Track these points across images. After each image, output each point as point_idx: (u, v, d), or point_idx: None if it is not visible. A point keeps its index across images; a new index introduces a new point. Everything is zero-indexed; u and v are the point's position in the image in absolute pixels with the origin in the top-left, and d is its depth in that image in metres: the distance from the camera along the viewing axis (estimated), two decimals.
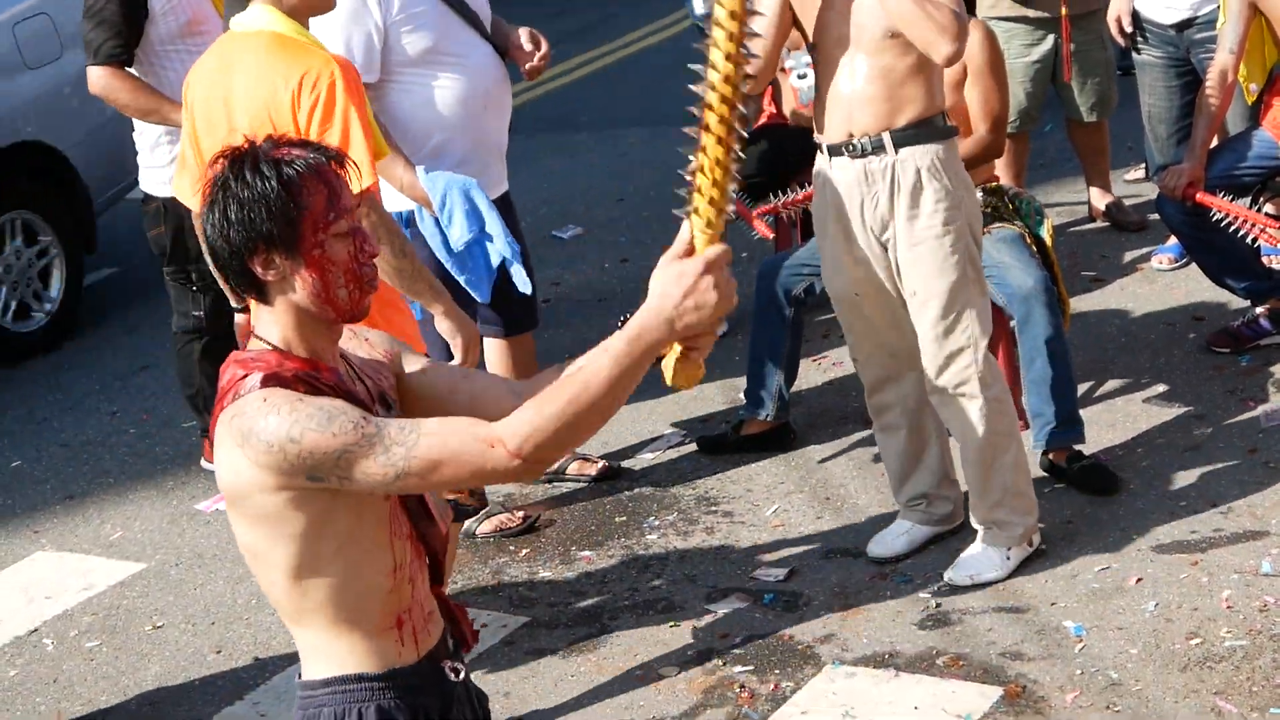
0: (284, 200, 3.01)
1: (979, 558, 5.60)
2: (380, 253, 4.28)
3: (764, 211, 7.05)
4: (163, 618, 6.12)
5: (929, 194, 5.41)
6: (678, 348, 2.91)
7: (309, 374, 3.06)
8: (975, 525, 5.64)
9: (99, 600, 6.29)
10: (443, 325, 5.02)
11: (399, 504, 3.15)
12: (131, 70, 6.66)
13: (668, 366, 2.94)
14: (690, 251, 2.84)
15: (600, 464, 6.66)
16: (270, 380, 3.02)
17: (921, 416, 5.76)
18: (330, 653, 3.14)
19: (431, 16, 5.79)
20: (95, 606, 6.25)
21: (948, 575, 5.60)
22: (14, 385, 8.42)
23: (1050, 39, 7.84)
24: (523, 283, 5.84)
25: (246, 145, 3.07)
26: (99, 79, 6.62)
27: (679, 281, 2.81)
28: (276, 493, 2.99)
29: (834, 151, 5.51)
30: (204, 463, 7.15)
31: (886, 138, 5.40)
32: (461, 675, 3.28)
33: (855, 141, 5.43)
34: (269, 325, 3.12)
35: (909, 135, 5.41)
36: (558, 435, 2.91)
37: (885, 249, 5.51)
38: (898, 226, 5.45)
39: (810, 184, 5.96)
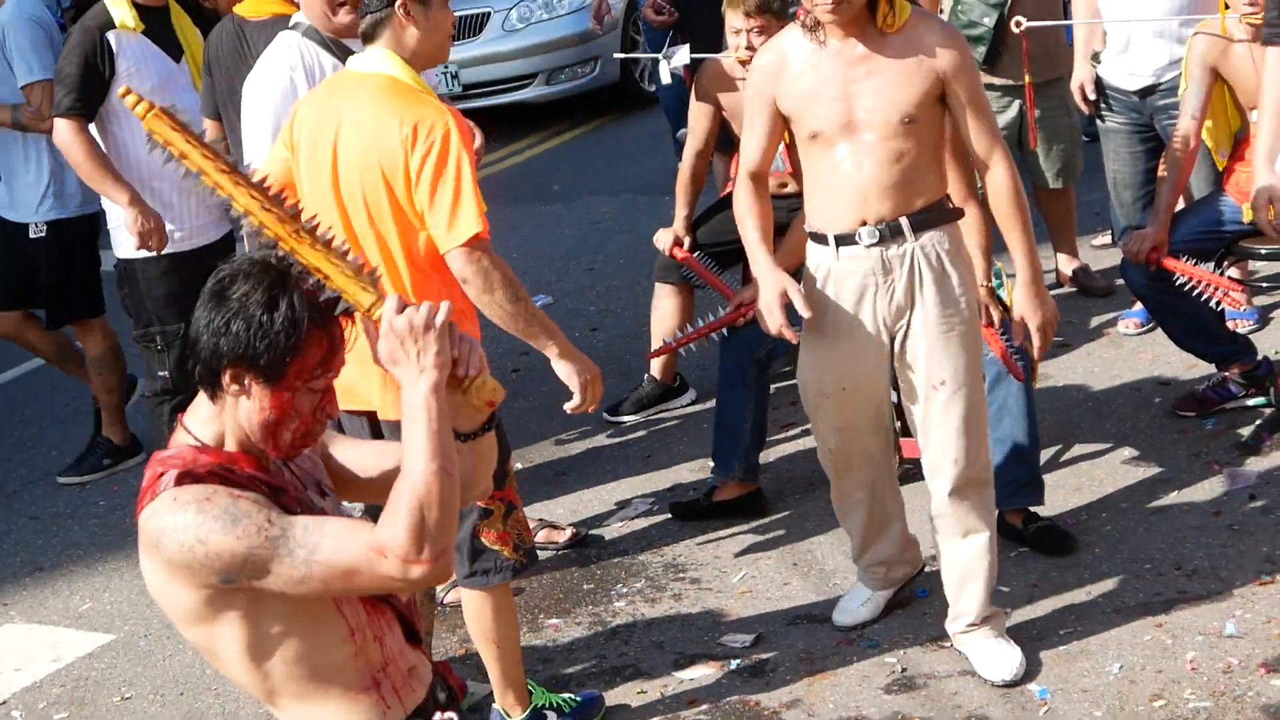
0: (286, 341, 3.01)
1: (996, 656, 5.38)
2: (495, 296, 4.79)
3: (683, 342, 6.80)
4: (131, 689, 6.10)
5: (954, 279, 5.20)
6: (460, 391, 3.05)
7: (223, 468, 3.06)
8: (975, 620, 5.42)
9: (68, 672, 6.27)
10: (561, 367, 5.11)
11: None
12: (91, 128, 6.80)
13: (468, 401, 3.08)
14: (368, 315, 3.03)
15: (569, 531, 6.66)
16: (184, 478, 3.02)
17: (885, 492, 5.65)
18: None
19: None
20: (64, 678, 6.24)
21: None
22: None
23: (1016, 105, 7.90)
24: None
25: (278, 264, 3.06)
26: (59, 131, 6.79)
27: (391, 349, 2.98)
28: (197, 590, 3.00)
29: (842, 241, 5.22)
30: None
31: (905, 223, 5.15)
32: None
33: (869, 229, 5.17)
34: (203, 418, 3.13)
35: (926, 219, 5.18)
36: (434, 526, 2.94)
37: (892, 341, 5.27)
38: (923, 315, 5.20)
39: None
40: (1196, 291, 6.50)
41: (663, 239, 7.33)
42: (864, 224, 5.16)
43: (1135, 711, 5.12)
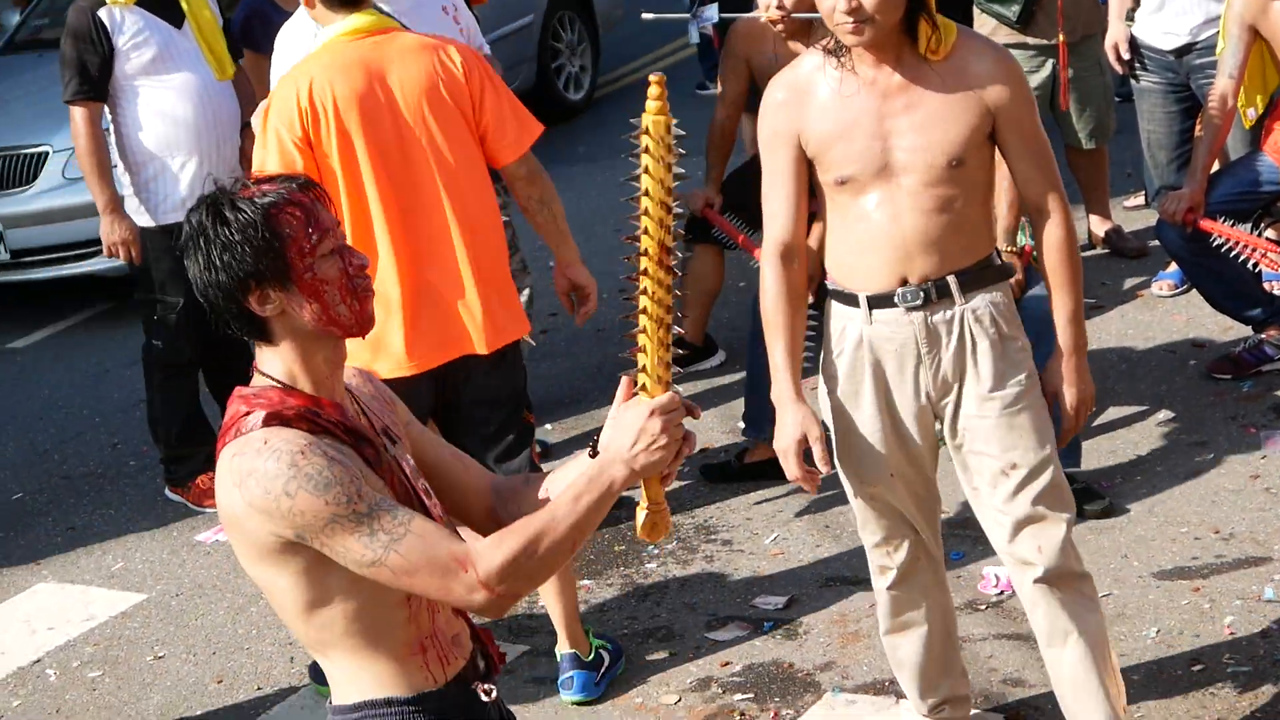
0: (264, 234, 2.99)
1: None
2: (546, 193, 5.22)
3: (728, 226, 7.14)
4: (164, 648, 6.11)
5: (1012, 346, 4.42)
6: (644, 505, 3.10)
7: (311, 410, 3.04)
8: None
9: (100, 631, 6.28)
10: (579, 272, 5.48)
11: None
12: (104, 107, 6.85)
13: (639, 523, 3.12)
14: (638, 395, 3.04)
15: None
16: (272, 419, 3.01)
17: (941, 599, 4.82)
18: (357, 678, 3.14)
19: None
20: (97, 637, 6.25)
21: None
22: (16, 418, 8.44)
23: (1049, 65, 7.85)
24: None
25: (214, 192, 3.06)
26: (72, 117, 6.82)
27: (629, 430, 3.00)
28: (270, 535, 2.99)
29: (876, 303, 4.38)
30: (167, 493, 7.17)
31: (952, 282, 4.34)
32: (493, 695, 3.27)
33: (911, 289, 4.35)
34: (272, 361, 3.11)
35: (978, 277, 4.38)
36: (527, 571, 2.99)
37: (939, 419, 4.50)
38: (979, 390, 4.39)
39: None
40: (1233, 253, 6.46)
41: (694, 200, 7.30)
42: (904, 283, 4.34)
43: (1173, 676, 5.10)
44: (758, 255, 6.95)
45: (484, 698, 3.26)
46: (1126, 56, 7.67)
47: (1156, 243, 7.31)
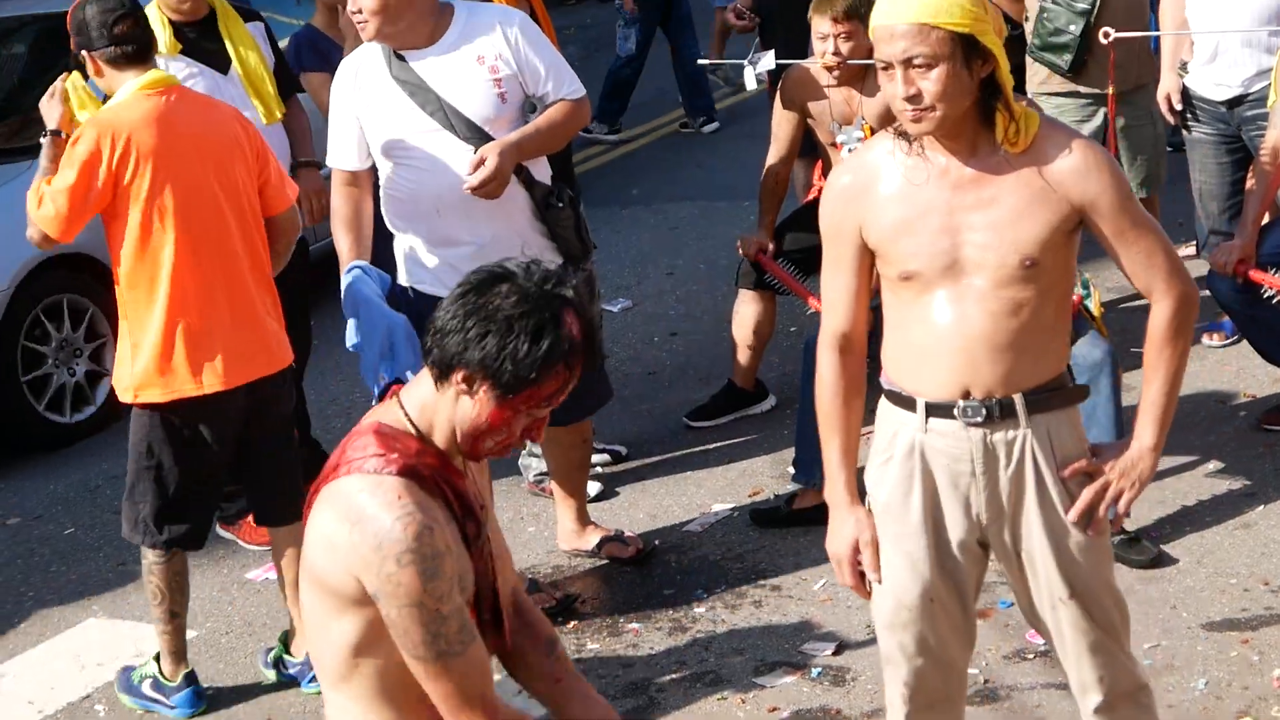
0: (532, 370, 3.07)
1: None
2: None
3: (779, 273, 7.24)
4: (213, 685, 6.14)
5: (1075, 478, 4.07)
6: None
7: (442, 475, 3.12)
8: None
9: (110, 689, 6.28)
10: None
11: (473, 608, 3.23)
12: None
13: None
14: None
15: (632, 549, 6.63)
16: (407, 472, 3.07)
17: None
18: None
19: (390, 117, 5.88)
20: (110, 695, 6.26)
21: None
22: (69, 455, 8.50)
23: (1101, 114, 7.85)
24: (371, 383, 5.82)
25: (552, 284, 3.13)
26: None
27: None
28: (350, 579, 3.04)
29: (935, 412, 4.06)
30: (219, 530, 7.18)
31: (1019, 402, 3.99)
32: None
33: (974, 404, 4.01)
34: (419, 399, 3.18)
35: (1046, 399, 4.03)
36: None
37: (985, 545, 4.18)
38: (1039, 519, 4.06)
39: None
40: None
41: (747, 245, 7.33)
42: (966, 395, 4.01)
43: None
44: (811, 302, 7.00)
45: None
46: (1179, 107, 7.68)
47: (1208, 292, 7.30)
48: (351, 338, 5.66)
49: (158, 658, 5.97)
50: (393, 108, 5.84)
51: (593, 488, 6.94)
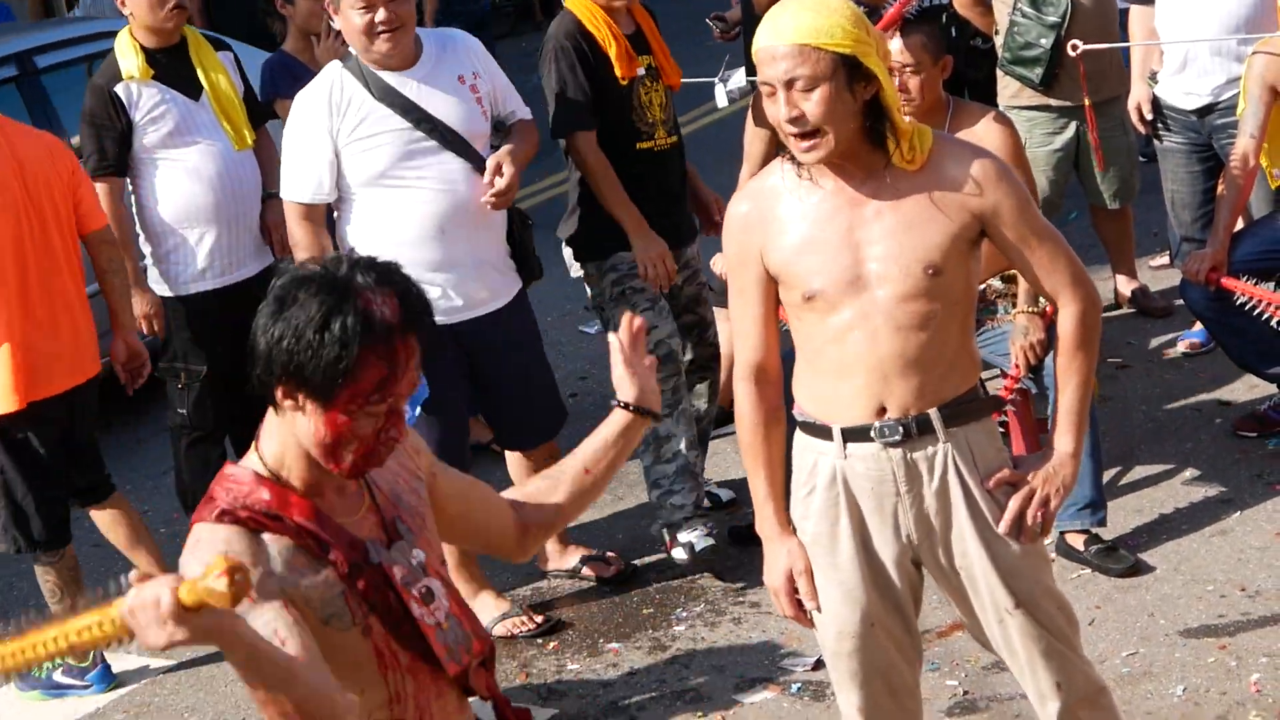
0: (336, 364, 2.89)
1: None
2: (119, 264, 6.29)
3: None
4: (194, 714, 6.14)
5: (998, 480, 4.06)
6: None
7: (273, 515, 2.98)
8: None
9: (131, 697, 6.31)
10: (134, 340, 6.43)
11: (387, 636, 3.07)
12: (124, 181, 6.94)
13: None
14: None
15: (613, 568, 6.65)
16: (224, 516, 2.98)
17: None
18: None
19: (391, 140, 5.85)
20: (127, 704, 6.28)
21: None
22: None
23: (1073, 127, 7.88)
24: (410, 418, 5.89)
25: (345, 269, 2.94)
26: (98, 190, 6.68)
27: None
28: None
29: (852, 436, 4.01)
30: None
31: (935, 417, 3.97)
32: None
33: (889, 424, 3.98)
34: (270, 431, 3.07)
35: (962, 410, 4.00)
36: None
37: (917, 563, 4.14)
38: (969, 531, 4.03)
39: None
40: (1257, 311, 6.46)
41: (720, 263, 7.34)
42: (882, 412, 3.97)
43: None
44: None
45: None
46: (1149, 117, 7.70)
47: (1181, 301, 7.32)
48: None
49: None
50: (386, 130, 5.82)
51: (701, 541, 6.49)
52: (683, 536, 6.39)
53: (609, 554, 6.66)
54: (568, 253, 6.76)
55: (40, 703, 6.39)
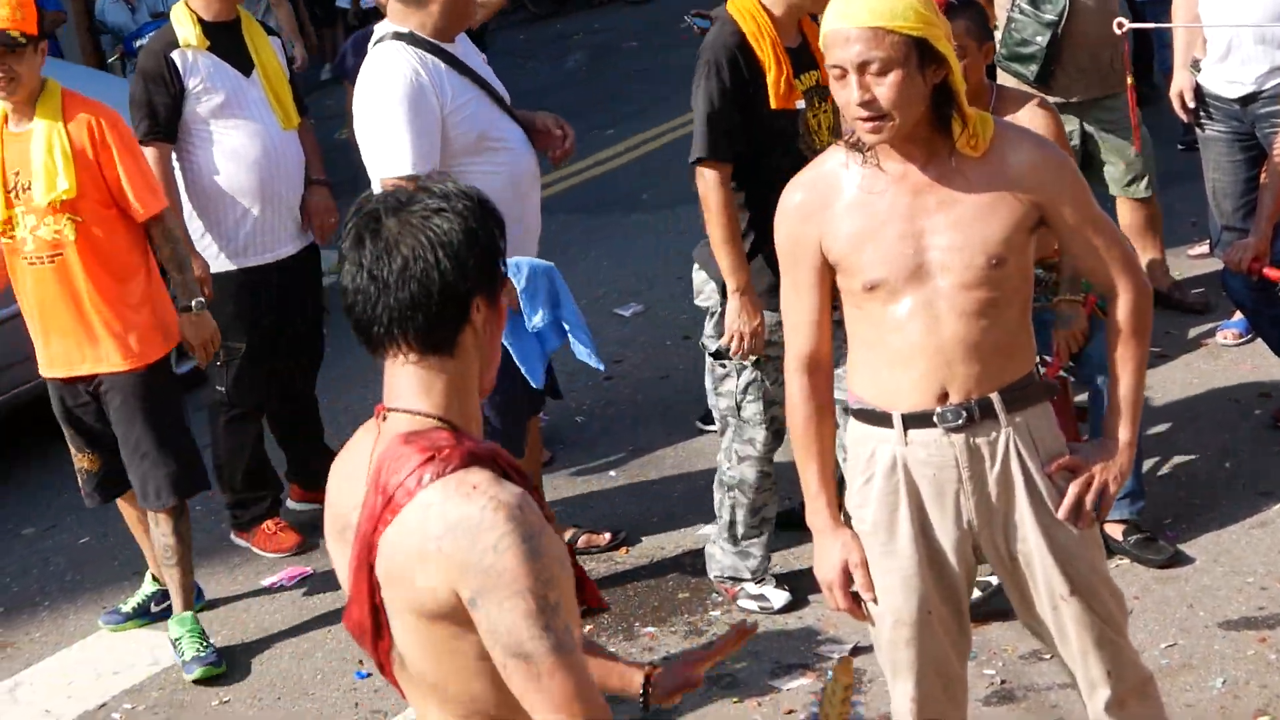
0: (492, 233, 2.72)
1: None
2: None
3: None
4: (229, 693, 6.15)
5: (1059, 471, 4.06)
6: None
7: (495, 450, 2.73)
8: None
9: (166, 675, 6.32)
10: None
11: None
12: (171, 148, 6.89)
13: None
14: None
15: (608, 535, 6.80)
16: (467, 460, 2.67)
17: None
18: None
19: (477, 106, 5.89)
20: (163, 682, 6.29)
21: None
22: None
23: (1073, 123, 7.80)
24: (594, 361, 6.04)
25: (425, 188, 2.76)
26: (146, 157, 6.56)
27: None
28: (453, 596, 2.67)
29: (913, 423, 4.01)
30: (233, 538, 7.23)
31: (997, 400, 3.97)
32: None
33: (953, 409, 3.98)
34: (423, 392, 2.74)
35: (1022, 395, 4.01)
36: None
37: (978, 548, 4.12)
38: (1029, 518, 4.02)
39: None
40: None
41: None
42: (944, 398, 3.98)
43: None
44: None
45: None
46: (1191, 105, 7.66)
47: (1223, 294, 7.28)
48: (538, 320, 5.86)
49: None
50: (473, 97, 5.88)
51: (778, 597, 6.26)
52: (751, 589, 6.24)
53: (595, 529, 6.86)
54: (700, 278, 6.15)
55: (80, 668, 6.43)
